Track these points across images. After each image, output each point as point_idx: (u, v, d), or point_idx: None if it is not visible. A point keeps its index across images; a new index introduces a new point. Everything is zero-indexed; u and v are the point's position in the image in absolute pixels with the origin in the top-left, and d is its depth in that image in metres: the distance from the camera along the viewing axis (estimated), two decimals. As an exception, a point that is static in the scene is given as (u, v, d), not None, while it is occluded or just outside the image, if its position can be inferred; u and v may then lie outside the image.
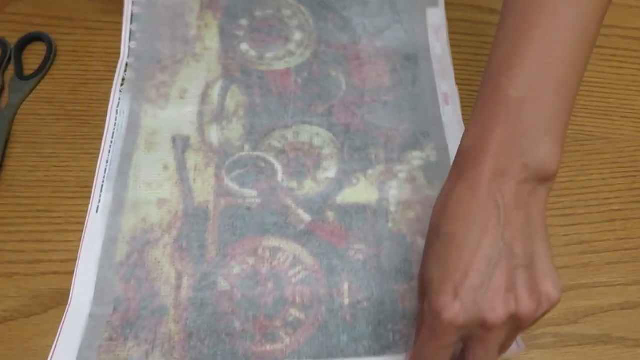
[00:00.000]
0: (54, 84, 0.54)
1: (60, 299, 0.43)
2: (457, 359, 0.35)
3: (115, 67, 0.54)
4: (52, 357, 0.40)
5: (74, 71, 0.55)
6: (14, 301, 0.43)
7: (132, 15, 0.57)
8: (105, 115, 0.51)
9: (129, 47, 0.55)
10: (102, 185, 0.48)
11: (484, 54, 0.56)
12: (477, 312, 0.31)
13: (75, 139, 0.51)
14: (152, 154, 0.49)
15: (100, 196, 0.47)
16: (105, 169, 0.48)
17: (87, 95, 0.53)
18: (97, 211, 0.46)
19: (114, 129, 0.51)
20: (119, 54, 0.55)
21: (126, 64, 0.54)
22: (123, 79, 0.53)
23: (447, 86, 0.54)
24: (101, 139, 0.50)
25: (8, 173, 0.48)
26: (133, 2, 0.57)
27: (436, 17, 0.57)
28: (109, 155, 0.49)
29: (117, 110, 0.52)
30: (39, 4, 0.58)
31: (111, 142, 0.50)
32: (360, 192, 0.48)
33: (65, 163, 0.49)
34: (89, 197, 0.47)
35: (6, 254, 0.45)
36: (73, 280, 0.43)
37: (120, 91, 0.53)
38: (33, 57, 0.55)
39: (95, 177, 0.48)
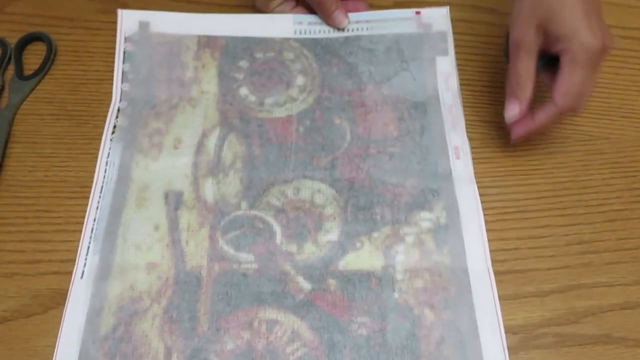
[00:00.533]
0: (54, 84, 0.54)
1: (60, 299, 0.43)
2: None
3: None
4: None
5: (74, 71, 0.54)
6: (14, 301, 0.43)
7: (124, 53, 0.54)
8: (96, 161, 0.49)
9: (121, 89, 0.52)
10: (89, 247, 0.45)
11: (485, 54, 0.56)
12: (607, 41, 0.43)
13: (75, 139, 0.50)
14: (143, 211, 0.46)
15: (85, 259, 0.44)
16: (93, 228, 0.45)
17: (87, 95, 0.53)
18: (82, 277, 0.43)
19: (103, 182, 0.48)
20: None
21: (118, 109, 0.51)
22: (114, 127, 0.50)
23: (458, 138, 0.50)
24: (101, 139, 0.50)
25: (8, 173, 0.49)
26: (125, 39, 0.54)
27: (446, 65, 0.53)
28: (96, 213, 0.46)
29: (107, 162, 0.49)
30: (39, 4, 0.58)
31: (99, 196, 0.47)
32: (365, 257, 0.45)
33: (65, 163, 0.49)
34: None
35: (6, 254, 0.45)
36: (54, 358, 0.40)
37: (111, 140, 0.50)
38: (33, 57, 0.55)
39: (82, 237, 0.45)
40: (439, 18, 0.55)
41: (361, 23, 0.55)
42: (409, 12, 0.55)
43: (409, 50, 0.54)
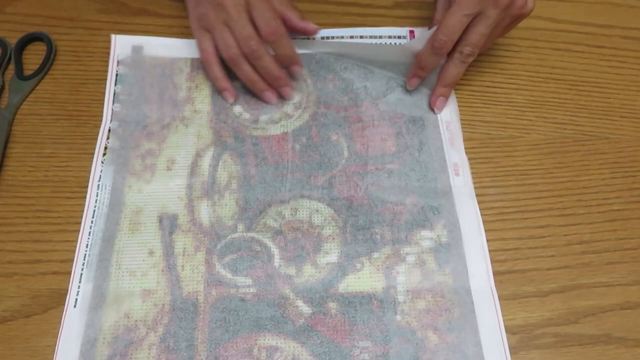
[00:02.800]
0: (54, 84, 0.53)
1: (59, 299, 0.43)
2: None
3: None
4: None
5: (74, 71, 0.54)
6: (14, 301, 0.43)
7: (116, 76, 0.53)
8: (87, 187, 0.48)
9: (112, 110, 0.51)
10: (82, 274, 0.43)
11: (484, 53, 0.55)
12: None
13: (75, 139, 0.50)
14: (137, 236, 0.45)
15: (79, 287, 0.43)
16: (85, 255, 0.44)
17: (87, 95, 0.53)
18: (75, 305, 0.42)
19: (95, 207, 0.46)
20: (118, 54, 0.54)
21: (109, 130, 0.50)
22: (105, 148, 0.49)
23: (457, 155, 0.49)
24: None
25: (8, 173, 0.48)
26: (118, 62, 0.53)
27: None
28: (89, 238, 0.45)
29: (98, 185, 0.47)
30: (39, 4, 0.58)
31: (92, 222, 0.46)
32: (365, 279, 0.44)
33: (65, 163, 0.49)
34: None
35: (6, 254, 0.45)
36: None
37: (103, 162, 0.48)
38: (33, 57, 0.55)
39: (74, 263, 0.44)
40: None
41: (356, 39, 0.55)
42: (403, 31, 0.55)
43: (405, 65, 0.53)
